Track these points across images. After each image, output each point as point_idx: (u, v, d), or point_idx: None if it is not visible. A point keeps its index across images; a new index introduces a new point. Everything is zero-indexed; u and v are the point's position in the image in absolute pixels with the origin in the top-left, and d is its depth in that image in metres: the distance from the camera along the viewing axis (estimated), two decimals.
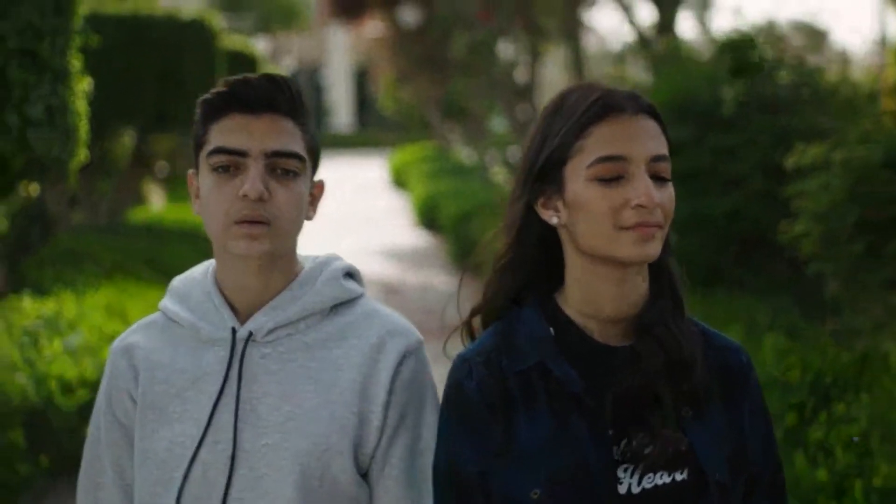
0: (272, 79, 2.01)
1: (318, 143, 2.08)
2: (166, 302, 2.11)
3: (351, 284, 2.08)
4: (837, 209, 5.03)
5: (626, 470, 1.83)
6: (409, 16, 20.27)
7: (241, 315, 2.04)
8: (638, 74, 10.68)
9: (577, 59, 15.70)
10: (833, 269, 5.08)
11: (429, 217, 17.68)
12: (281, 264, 2.03)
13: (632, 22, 12.59)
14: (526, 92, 17.25)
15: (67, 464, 5.33)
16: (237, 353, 2.02)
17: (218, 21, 13.81)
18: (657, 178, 1.83)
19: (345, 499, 2.00)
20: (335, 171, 29.85)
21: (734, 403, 1.90)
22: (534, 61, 17.58)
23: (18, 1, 5.49)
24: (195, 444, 1.98)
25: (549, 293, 1.93)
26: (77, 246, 10.20)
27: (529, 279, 1.93)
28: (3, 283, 9.78)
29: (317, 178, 2.11)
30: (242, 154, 1.96)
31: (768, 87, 7.23)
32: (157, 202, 16.15)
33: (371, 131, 46.28)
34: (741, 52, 7.09)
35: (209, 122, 2.00)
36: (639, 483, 1.83)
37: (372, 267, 13.31)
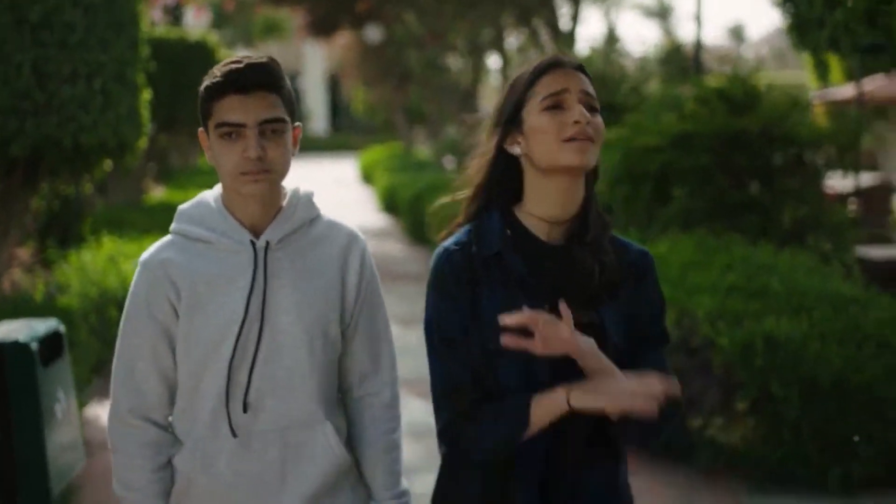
0: (255, 64, 2.36)
1: (294, 98, 2.43)
2: (183, 226, 2.48)
3: (316, 205, 2.57)
4: (614, 167, 8.12)
5: None
6: (373, 34, 22.47)
7: (250, 231, 2.47)
8: None
9: (506, 70, 18.08)
10: (613, 204, 8.13)
11: (389, 202, 19.53)
12: (274, 195, 2.47)
13: (538, 44, 15.36)
14: (469, 98, 19.48)
15: None
16: (260, 257, 2.43)
17: (214, 39, 16.49)
18: (589, 109, 2.26)
19: (336, 348, 2.54)
20: (313, 170, 31.40)
21: (638, 289, 2.35)
22: (475, 73, 19.88)
23: (115, 40, 7.84)
24: (239, 323, 2.41)
25: (509, 207, 2.33)
26: (114, 217, 12.78)
27: (495, 196, 2.33)
28: (35, 254, 11.47)
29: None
30: (241, 125, 2.33)
31: (607, 95, 10.32)
32: (157, 192, 18.46)
33: (343, 135, 47.39)
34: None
35: (212, 101, 2.36)
36: None
37: None
